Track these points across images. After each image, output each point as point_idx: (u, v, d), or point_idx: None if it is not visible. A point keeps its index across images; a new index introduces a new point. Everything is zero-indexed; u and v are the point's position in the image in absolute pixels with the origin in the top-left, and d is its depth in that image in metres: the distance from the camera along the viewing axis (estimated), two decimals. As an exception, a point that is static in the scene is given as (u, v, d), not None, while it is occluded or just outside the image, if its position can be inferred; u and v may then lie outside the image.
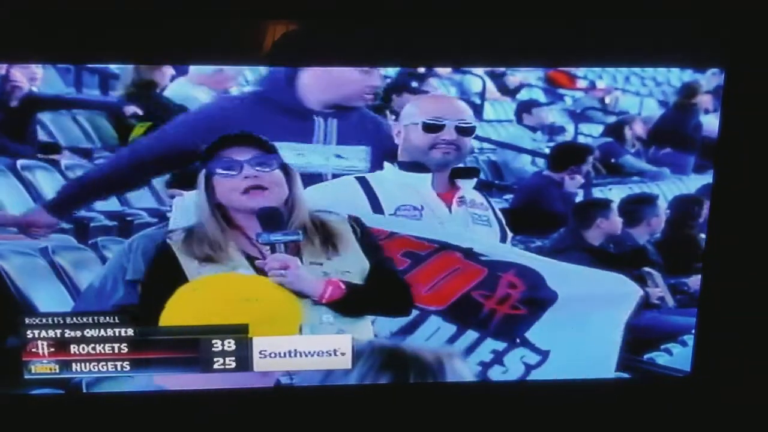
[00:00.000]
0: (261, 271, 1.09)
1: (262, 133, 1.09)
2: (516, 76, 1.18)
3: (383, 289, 1.14)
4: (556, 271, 1.18)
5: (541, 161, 1.21)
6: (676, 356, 1.23)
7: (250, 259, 1.09)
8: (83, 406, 1.17)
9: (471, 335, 1.18)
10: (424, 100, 1.14)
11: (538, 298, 1.18)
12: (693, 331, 1.21)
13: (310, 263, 1.10)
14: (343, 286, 1.10)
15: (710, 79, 1.13)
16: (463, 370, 1.16)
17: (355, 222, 1.14)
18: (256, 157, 1.07)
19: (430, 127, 1.14)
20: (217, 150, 1.07)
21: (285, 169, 1.10)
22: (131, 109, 1.09)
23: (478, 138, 1.17)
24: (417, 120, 1.14)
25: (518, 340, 1.19)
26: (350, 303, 1.11)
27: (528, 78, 1.18)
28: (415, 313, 1.16)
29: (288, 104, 1.12)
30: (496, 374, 1.19)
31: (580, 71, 1.17)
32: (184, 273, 1.08)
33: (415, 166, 1.16)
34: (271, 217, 1.08)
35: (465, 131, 1.15)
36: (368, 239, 1.14)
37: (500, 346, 1.19)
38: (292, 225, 1.09)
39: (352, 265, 1.12)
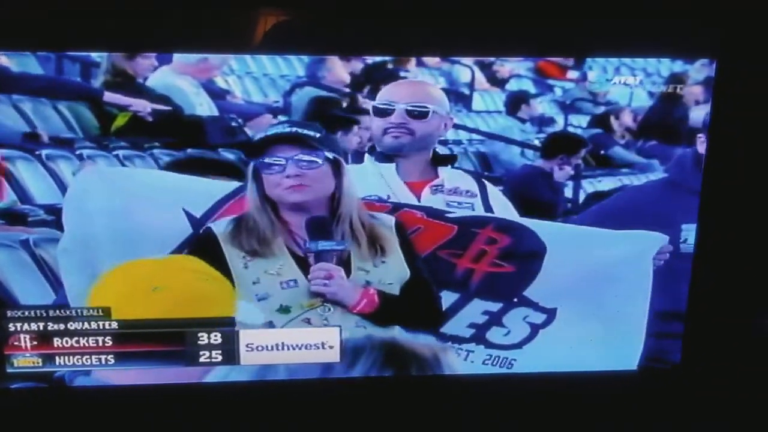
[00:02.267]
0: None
1: (672, 218, 1.15)
2: (505, 67, 1.16)
3: (417, 301, 1.14)
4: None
5: (530, 153, 1.20)
6: (666, 347, 1.22)
7: (295, 257, 1.09)
8: (67, 399, 1.15)
9: (449, 296, 1.15)
10: (387, 87, 1.11)
11: (527, 253, 1.14)
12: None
13: (358, 269, 1.10)
14: (377, 300, 1.11)
15: (699, 69, 1.12)
16: (456, 364, 1.15)
17: (399, 228, 1.13)
18: (301, 154, 1.06)
19: (379, 112, 1.12)
20: (264, 147, 1.06)
21: (334, 162, 1.08)
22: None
23: (466, 129, 1.16)
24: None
25: (516, 300, 1.16)
26: (380, 316, 1.11)
27: (517, 68, 1.17)
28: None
29: (696, 187, 1.15)
30: (497, 337, 1.17)
31: (570, 62, 1.16)
32: (228, 263, 1.08)
33: (382, 155, 1.14)
34: (319, 225, 1.08)
35: (416, 115, 1.12)
36: (408, 247, 1.13)
37: (494, 306, 1.16)
38: (339, 221, 1.08)
39: (394, 275, 1.12)
